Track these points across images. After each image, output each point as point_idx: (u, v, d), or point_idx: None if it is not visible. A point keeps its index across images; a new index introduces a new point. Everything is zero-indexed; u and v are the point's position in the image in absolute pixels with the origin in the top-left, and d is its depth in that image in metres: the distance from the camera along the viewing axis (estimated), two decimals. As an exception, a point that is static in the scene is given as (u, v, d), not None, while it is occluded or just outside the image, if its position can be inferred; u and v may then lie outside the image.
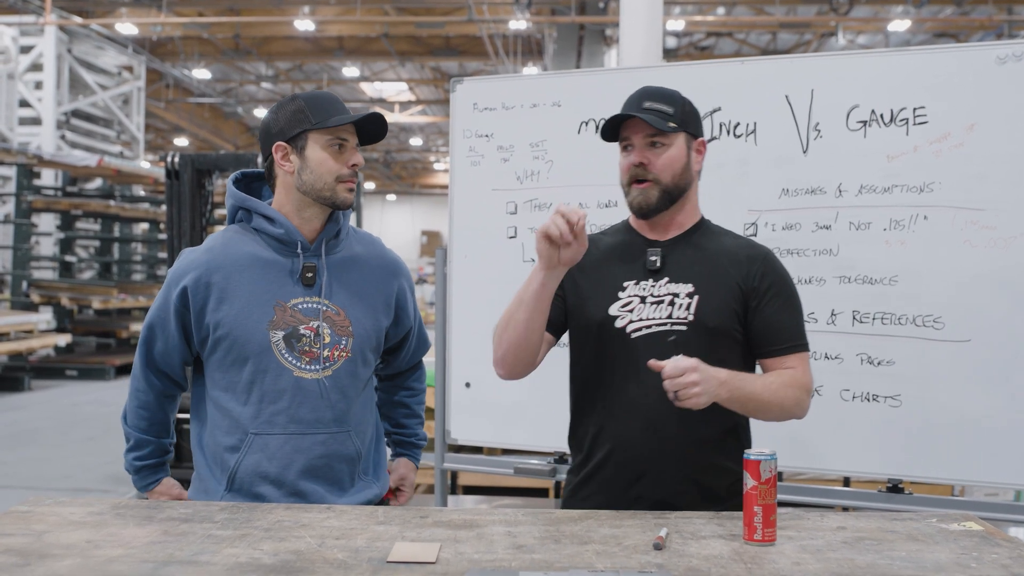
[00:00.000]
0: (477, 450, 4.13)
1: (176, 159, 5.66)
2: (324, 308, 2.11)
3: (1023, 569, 1.54)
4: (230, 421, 2.09)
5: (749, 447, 2.13)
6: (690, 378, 1.82)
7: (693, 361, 1.84)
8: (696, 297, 2.04)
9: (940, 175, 2.71)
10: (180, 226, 5.61)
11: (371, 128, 2.14)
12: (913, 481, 2.78)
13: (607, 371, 2.07)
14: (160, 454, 2.22)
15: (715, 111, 2.96)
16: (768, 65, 3.01)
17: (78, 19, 15.10)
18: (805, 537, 1.74)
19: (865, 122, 2.80)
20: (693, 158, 2.11)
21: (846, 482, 3.45)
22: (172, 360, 2.16)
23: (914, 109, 2.74)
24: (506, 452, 4.00)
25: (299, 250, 2.10)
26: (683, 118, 2.08)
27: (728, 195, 2.92)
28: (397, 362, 2.39)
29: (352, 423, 2.14)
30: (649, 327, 2.04)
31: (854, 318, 2.79)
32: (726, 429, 2.05)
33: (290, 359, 2.07)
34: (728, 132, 2.95)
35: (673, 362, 1.84)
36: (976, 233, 2.67)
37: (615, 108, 3.07)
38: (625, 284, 2.08)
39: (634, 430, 2.03)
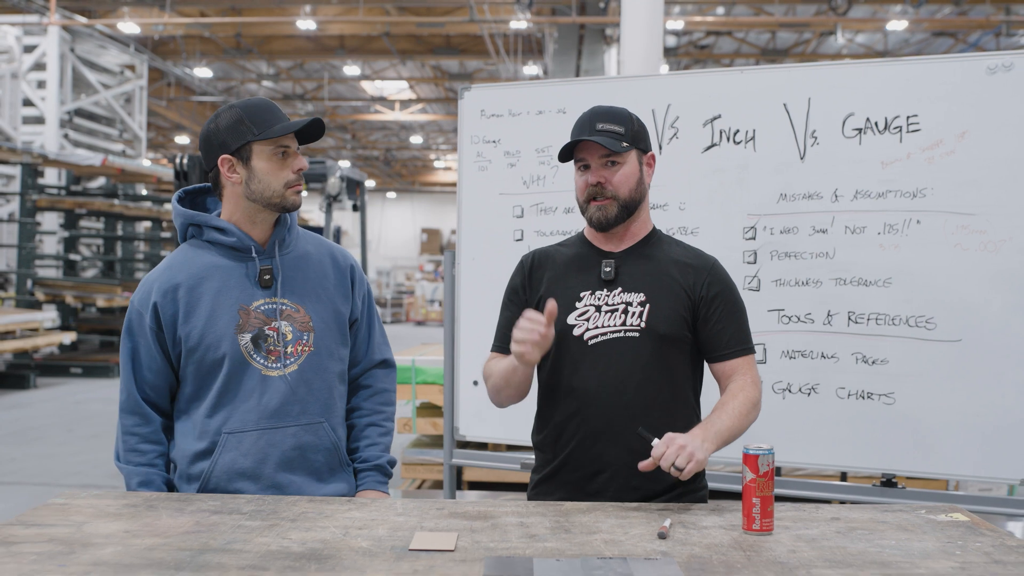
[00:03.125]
0: (483, 446, 4.22)
1: (185, 160, 5.76)
2: (283, 307, 2.18)
3: (1005, 556, 1.64)
4: (200, 428, 2.14)
5: None
6: (677, 443, 1.91)
7: (668, 436, 1.94)
8: (648, 305, 2.15)
9: (932, 181, 2.81)
10: (189, 226, 5.70)
11: (309, 130, 2.20)
12: (908, 476, 2.87)
13: (567, 377, 2.18)
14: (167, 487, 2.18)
15: (715, 118, 3.06)
16: (767, 74, 3.11)
17: (81, 19, 15.18)
18: (801, 527, 1.84)
19: (860, 130, 2.89)
20: (645, 172, 2.21)
21: (843, 477, 3.55)
22: (160, 387, 2.17)
23: (907, 117, 2.84)
24: (511, 448, 4.10)
25: (253, 254, 2.18)
26: (633, 136, 2.17)
27: (728, 200, 3.02)
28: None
29: (326, 414, 2.21)
30: (605, 334, 2.16)
31: (849, 319, 2.89)
32: (672, 429, 2.10)
33: (258, 359, 2.15)
34: (728, 139, 3.05)
35: (658, 447, 1.93)
36: (967, 237, 2.77)
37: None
38: (582, 294, 2.19)
39: (591, 431, 2.14)
